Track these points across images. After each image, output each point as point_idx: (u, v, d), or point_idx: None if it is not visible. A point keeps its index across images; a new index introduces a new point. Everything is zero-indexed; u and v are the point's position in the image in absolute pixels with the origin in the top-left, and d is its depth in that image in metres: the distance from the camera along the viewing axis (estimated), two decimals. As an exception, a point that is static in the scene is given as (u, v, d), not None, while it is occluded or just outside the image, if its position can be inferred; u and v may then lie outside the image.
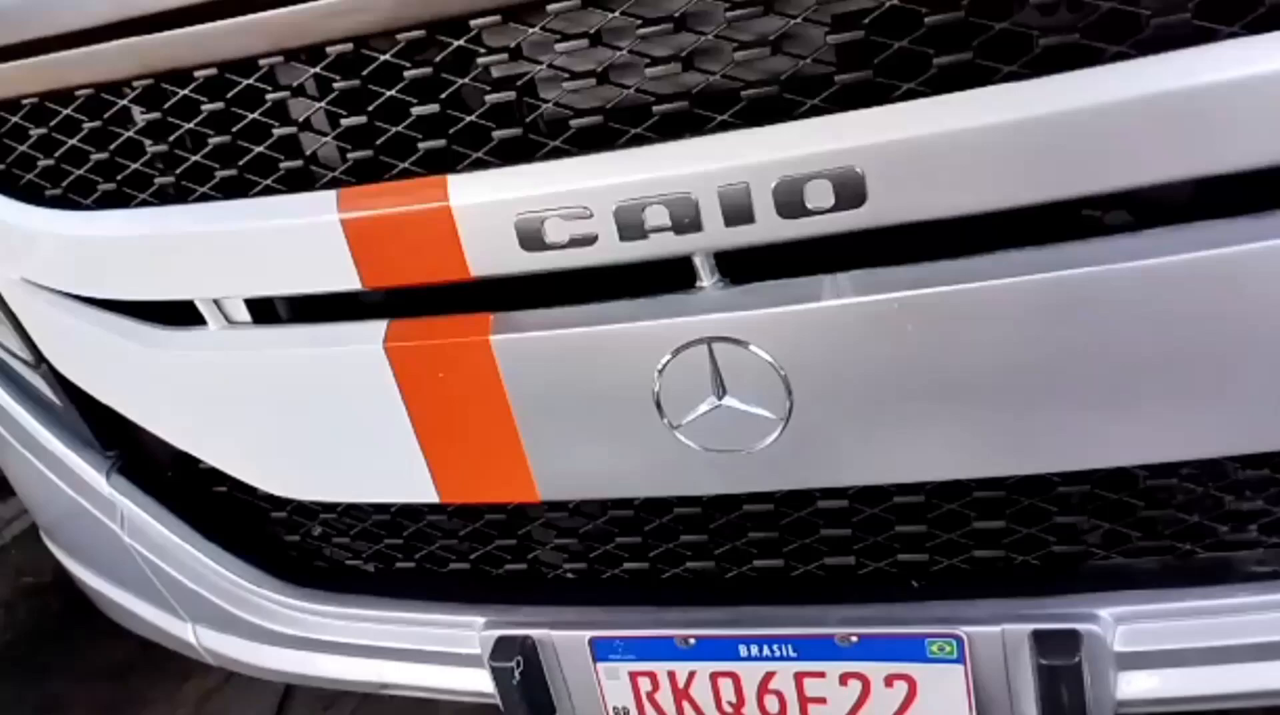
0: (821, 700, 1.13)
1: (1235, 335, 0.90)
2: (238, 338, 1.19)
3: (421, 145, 1.02)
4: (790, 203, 0.91)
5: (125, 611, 1.62)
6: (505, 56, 0.97)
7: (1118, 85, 0.82)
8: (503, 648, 1.21)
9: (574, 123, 0.98)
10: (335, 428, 1.18)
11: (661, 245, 0.96)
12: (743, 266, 0.99)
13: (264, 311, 1.20)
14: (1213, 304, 0.89)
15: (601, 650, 1.18)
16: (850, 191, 0.90)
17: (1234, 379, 0.92)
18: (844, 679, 1.11)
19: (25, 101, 1.17)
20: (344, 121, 1.04)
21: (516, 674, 1.20)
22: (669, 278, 1.02)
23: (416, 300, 1.12)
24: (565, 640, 1.20)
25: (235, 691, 2.43)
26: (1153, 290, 0.89)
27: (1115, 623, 1.04)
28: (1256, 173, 0.85)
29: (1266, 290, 0.88)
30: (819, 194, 0.90)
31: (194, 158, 1.12)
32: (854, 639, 1.09)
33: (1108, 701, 1.06)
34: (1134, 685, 1.06)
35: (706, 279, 1.00)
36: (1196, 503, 1.06)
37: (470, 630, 1.27)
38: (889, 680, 1.09)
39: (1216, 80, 0.81)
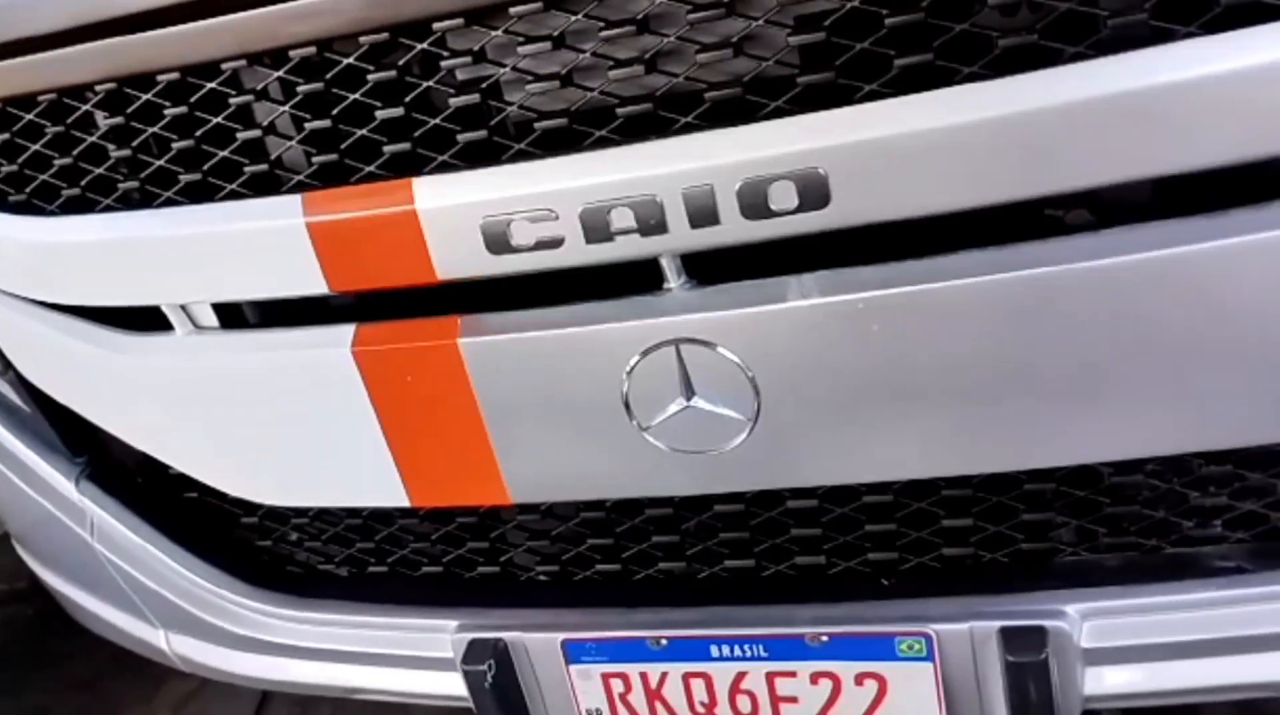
0: (793, 700, 1.14)
1: (1197, 332, 0.91)
2: (205, 343, 1.18)
3: (387, 149, 1.02)
4: (755, 204, 0.91)
5: (97, 618, 1.61)
6: (469, 59, 0.97)
7: (1076, 86, 0.83)
8: (475, 651, 1.21)
9: (539, 125, 0.98)
10: (305, 432, 1.18)
11: (627, 247, 0.96)
12: (724, 266, 0.99)
13: (232, 316, 1.19)
14: (1175, 302, 0.90)
15: (574, 652, 1.19)
16: (814, 192, 0.90)
17: (1198, 375, 0.93)
18: (815, 678, 1.11)
19: (-13, 107, 1.16)
20: (309, 125, 1.04)
21: (489, 677, 1.20)
22: (639, 279, 1.02)
23: (389, 303, 1.11)
24: (538, 643, 1.20)
25: (212, 696, 2.42)
26: (1115, 288, 0.90)
27: (1082, 619, 1.05)
28: (1217, 172, 0.86)
29: (1227, 287, 0.89)
30: (783, 195, 0.91)
31: (159, 162, 1.11)
32: (824, 638, 1.09)
33: (1075, 697, 1.07)
34: (1101, 680, 1.07)
35: (674, 281, 1.00)
36: (1161, 499, 1.07)
37: (442, 634, 1.26)
38: (859, 679, 1.10)
39: (1175, 80, 0.82)
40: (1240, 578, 1.04)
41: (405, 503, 1.18)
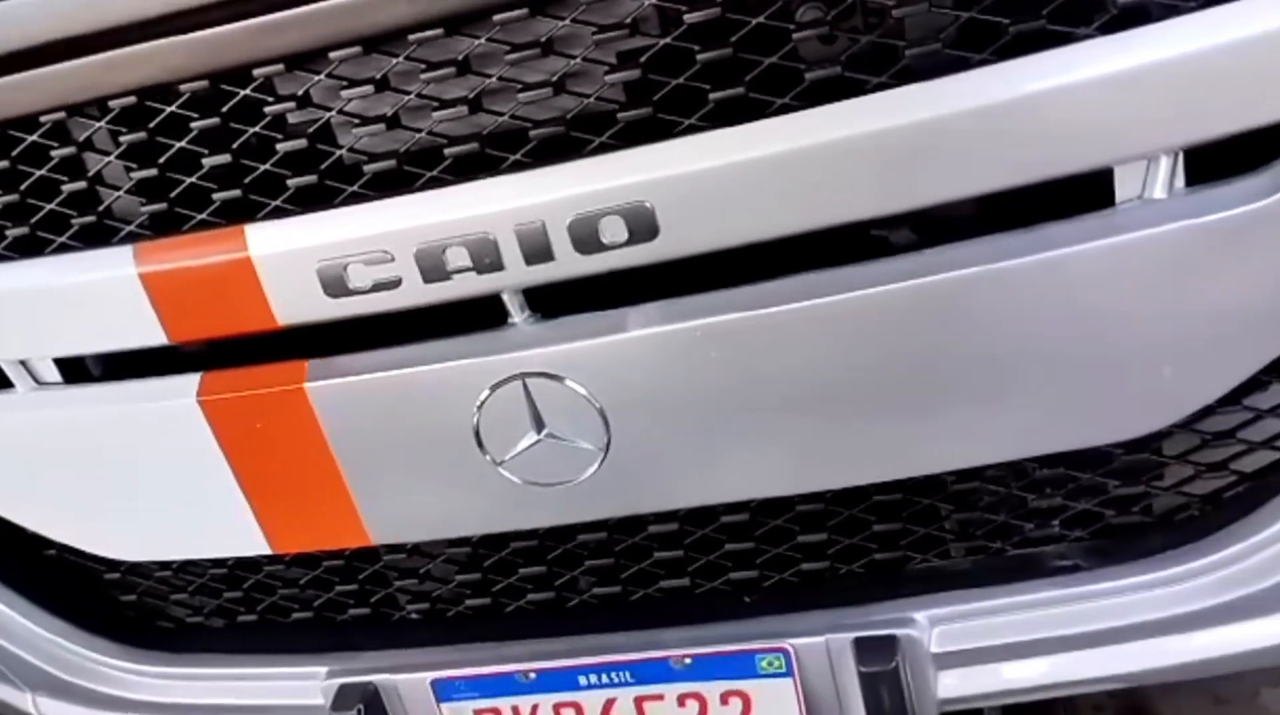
0: (662, 722, 1.15)
1: (1024, 344, 0.95)
2: (48, 399, 1.15)
3: (217, 196, 1.01)
4: (586, 239, 0.93)
5: (-39, 685, 1.55)
6: (293, 104, 0.96)
7: (880, 114, 0.86)
8: (344, 696, 1.20)
9: (369, 167, 0.98)
10: (158, 485, 1.15)
11: (465, 285, 0.97)
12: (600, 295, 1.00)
13: (78, 370, 1.16)
14: (999, 315, 0.94)
15: (444, 691, 1.18)
16: (643, 225, 0.92)
17: (1028, 385, 0.97)
18: (682, 700, 1.13)
19: None
20: (136, 174, 1.02)
21: (359, 722, 1.19)
22: (488, 315, 1.02)
23: (243, 349, 1.10)
24: (408, 683, 1.19)
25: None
26: (939, 305, 0.93)
27: (931, 625, 1.08)
28: (1038, 188, 0.89)
29: (1049, 300, 0.93)
30: (613, 229, 0.92)
31: (-14, 217, 1.09)
32: (688, 660, 1.11)
33: (930, 700, 1.10)
34: (954, 684, 1.10)
35: (517, 315, 1.01)
36: (1002, 503, 1.11)
37: (313, 680, 1.25)
38: (724, 697, 1.11)
39: (972, 106, 0.85)
40: (1077, 576, 1.08)
41: (265, 550, 1.17)
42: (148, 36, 0.93)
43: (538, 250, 0.94)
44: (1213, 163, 0.90)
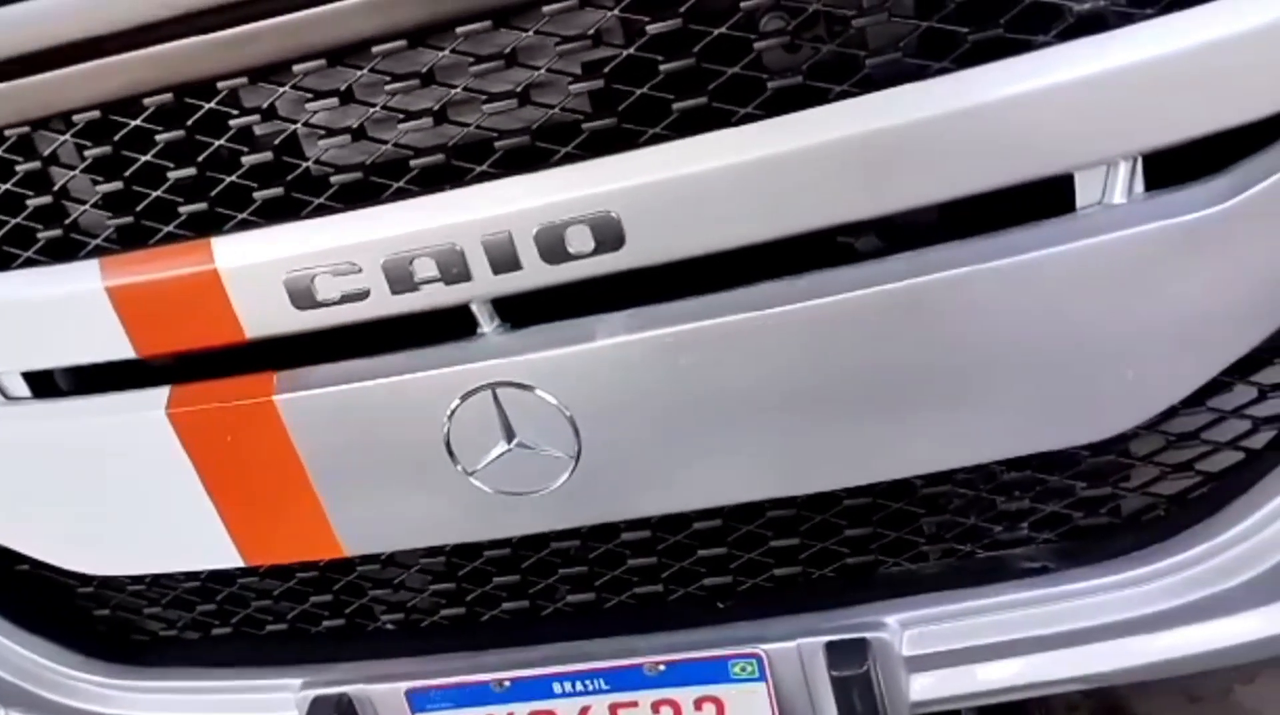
0: (637, 728, 1.15)
1: (988, 348, 0.96)
2: (17, 413, 1.14)
3: (184, 209, 1.01)
4: (553, 248, 0.93)
5: (-66, 702, 1.54)
6: (259, 117, 0.96)
7: (839, 124, 0.87)
8: (318, 707, 1.20)
9: (335, 179, 0.98)
10: (129, 499, 1.15)
11: (434, 296, 0.97)
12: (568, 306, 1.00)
13: (47, 385, 1.16)
14: (962, 322, 0.95)
15: (419, 701, 1.18)
16: (609, 235, 0.92)
17: (994, 389, 0.97)
18: (656, 706, 1.13)
19: None
20: (101, 188, 1.02)
21: (332, 733, 1.19)
22: (458, 325, 1.02)
23: (214, 362, 1.10)
24: (382, 694, 1.19)
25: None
26: (905, 310, 0.94)
27: (902, 628, 1.09)
28: (992, 195, 0.90)
29: (1013, 305, 0.94)
30: (580, 239, 0.92)
31: (-49, 232, 1.08)
32: (661, 667, 1.11)
33: (902, 703, 1.11)
34: (925, 686, 1.10)
35: (486, 325, 1.01)
36: (971, 506, 1.12)
37: (288, 692, 1.25)
38: (698, 703, 1.12)
39: (931, 115, 0.86)
40: (1047, 577, 1.09)
41: (238, 563, 1.16)
42: (112, 50, 0.93)
43: (505, 260, 0.94)
44: (1174, 167, 0.91)
